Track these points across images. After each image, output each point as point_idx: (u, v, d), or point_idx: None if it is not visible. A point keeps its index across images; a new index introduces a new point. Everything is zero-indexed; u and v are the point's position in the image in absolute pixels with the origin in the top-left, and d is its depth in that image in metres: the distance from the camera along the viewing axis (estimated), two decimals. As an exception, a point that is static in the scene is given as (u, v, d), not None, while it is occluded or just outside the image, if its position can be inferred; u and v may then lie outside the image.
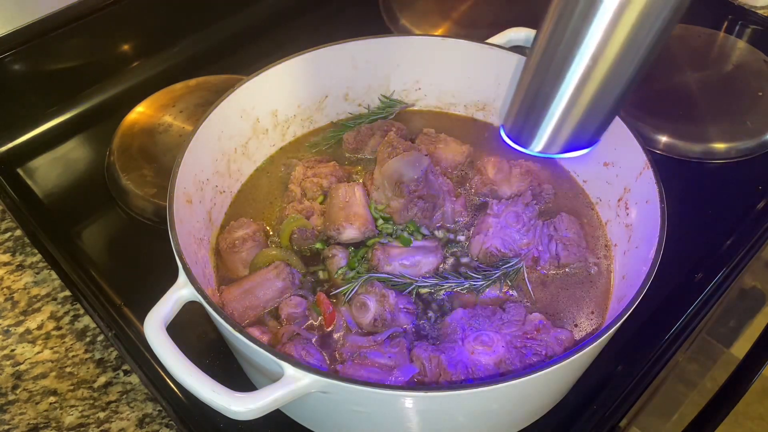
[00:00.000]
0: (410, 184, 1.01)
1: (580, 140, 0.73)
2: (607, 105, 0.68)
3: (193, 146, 0.95)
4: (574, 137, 0.72)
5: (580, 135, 0.72)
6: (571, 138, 0.72)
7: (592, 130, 0.72)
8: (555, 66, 0.65)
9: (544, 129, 0.71)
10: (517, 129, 0.74)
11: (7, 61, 1.26)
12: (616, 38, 0.60)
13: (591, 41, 0.61)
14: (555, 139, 0.72)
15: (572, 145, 0.74)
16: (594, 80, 0.64)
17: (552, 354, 0.88)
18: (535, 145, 0.74)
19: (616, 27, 0.59)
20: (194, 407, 0.91)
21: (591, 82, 0.64)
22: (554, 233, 1.01)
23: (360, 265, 0.98)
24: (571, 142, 0.73)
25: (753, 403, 1.97)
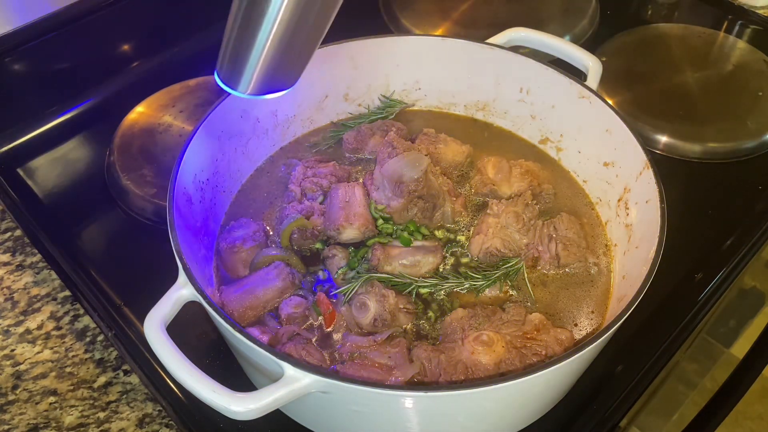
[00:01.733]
0: (410, 184, 1.01)
1: (280, 81, 0.82)
2: (296, 48, 0.78)
3: (193, 146, 0.96)
4: (273, 79, 0.81)
5: (277, 76, 0.81)
6: (269, 80, 0.81)
7: (289, 71, 0.82)
8: (246, 10, 0.74)
9: (247, 71, 0.80)
10: (226, 73, 0.83)
11: (7, 61, 1.26)
12: None
13: None
14: (256, 82, 0.81)
15: (272, 86, 0.82)
16: (280, 22, 0.74)
17: (552, 354, 0.88)
18: (243, 87, 0.82)
19: None
20: (194, 407, 0.91)
21: (278, 24, 0.74)
22: (554, 233, 1.01)
23: (360, 265, 0.98)
24: (269, 83, 0.82)
25: (753, 403, 1.97)
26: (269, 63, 0.78)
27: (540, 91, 1.13)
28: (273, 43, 0.75)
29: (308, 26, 0.76)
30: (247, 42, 0.77)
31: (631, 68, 1.44)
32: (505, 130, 1.21)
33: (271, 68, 0.79)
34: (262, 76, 0.80)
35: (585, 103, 1.06)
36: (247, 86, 0.81)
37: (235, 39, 0.78)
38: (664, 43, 1.51)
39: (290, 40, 0.76)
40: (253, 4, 0.73)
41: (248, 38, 0.76)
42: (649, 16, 1.62)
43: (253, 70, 0.79)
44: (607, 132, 1.03)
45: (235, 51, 0.79)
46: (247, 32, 0.76)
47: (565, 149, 1.15)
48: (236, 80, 0.81)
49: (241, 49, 0.78)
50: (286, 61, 0.80)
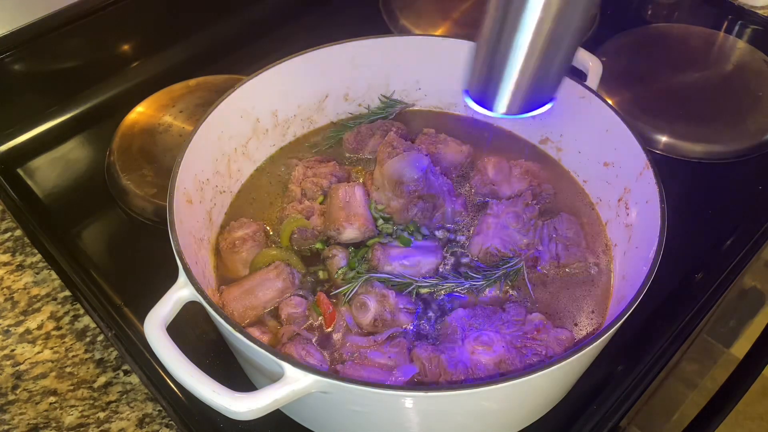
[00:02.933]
0: (410, 184, 1.01)
1: (538, 98, 0.78)
2: (557, 60, 0.74)
3: (193, 146, 0.95)
4: (532, 95, 0.77)
5: (537, 92, 0.77)
6: (530, 96, 0.77)
7: (547, 86, 0.78)
8: (507, 28, 0.70)
9: (504, 89, 0.75)
10: (480, 93, 0.78)
11: (7, 61, 1.26)
12: None
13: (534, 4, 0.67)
14: (515, 99, 0.77)
15: (531, 103, 0.78)
16: (541, 37, 0.69)
17: (552, 354, 0.88)
18: (499, 107, 0.78)
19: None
20: (194, 407, 0.91)
21: (539, 39, 0.70)
22: (554, 233, 1.01)
23: (360, 265, 0.98)
24: (529, 100, 0.77)
25: (753, 403, 1.97)
26: (530, 79, 0.73)
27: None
28: (534, 54, 0.71)
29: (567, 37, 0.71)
30: (503, 56, 0.72)
31: (631, 68, 1.44)
32: (505, 130, 1.21)
33: (532, 84, 0.74)
34: (522, 93, 0.75)
35: (585, 103, 1.06)
36: (504, 106, 0.77)
37: (488, 54, 0.74)
38: (664, 43, 1.51)
39: (548, 55, 0.71)
40: (508, 19, 0.69)
41: (504, 52, 0.71)
42: (649, 16, 1.62)
43: (512, 89, 0.74)
44: (607, 132, 1.03)
45: (489, 68, 0.74)
46: (502, 45, 0.71)
47: (565, 149, 1.14)
48: (491, 100, 0.77)
49: (496, 65, 0.73)
50: (548, 73, 0.75)
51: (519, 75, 0.73)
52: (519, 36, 0.69)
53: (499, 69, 0.74)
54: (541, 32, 0.69)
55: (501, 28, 0.71)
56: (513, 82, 0.74)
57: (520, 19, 0.68)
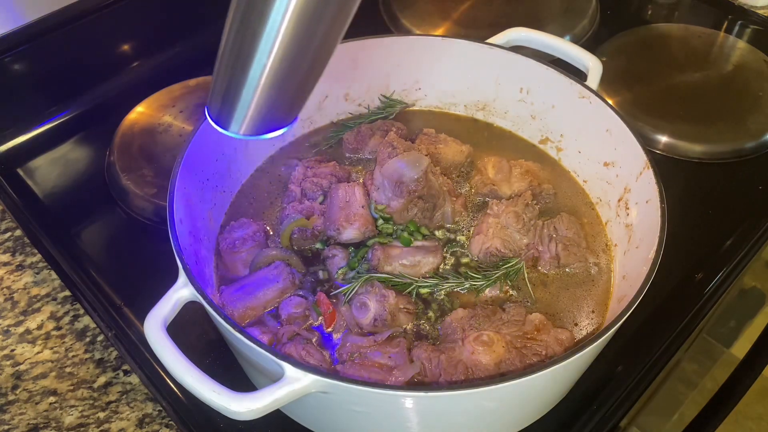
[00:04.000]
0: (410, 184, 1.01)
1: (276, 121, 0.75)
2: (293, 86, 0.71)
3: (193, 146, 0.95)
4: (269, 118, 0.74)
5: (273, 116, 0.74)
6: (265, 119, 0.73)
7: (283, 110, 0.74)
8: (237, 50, 0.67)
9: (237, 111, 0.72)
10: (217, 111, 0.75)
11: (7, 61, 1.26)
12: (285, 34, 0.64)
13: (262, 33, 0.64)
14: (250, 122, 0.73)
15: (269, 126, 0.75)
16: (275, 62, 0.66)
17: (552, 354, 0.88)
18: (234, 128, 0.74)
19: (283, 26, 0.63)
20: (194, 407, 0.91)
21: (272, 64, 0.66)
22: (554, 233, 1.01)
23: (360, 265, 0.98)
24: (265, 123, 0.74)
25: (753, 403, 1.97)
26: (264, 102, 0.70)
27: (540, 91, 1.13)
28: (268, 79, 0.67)
29: (309, 58, 0.68)
30: (238, 78, 0.69)
31: (631, 68, 1.44)
32: (505, 130, 1.21)
33: (267, 107, 0.71)
34: (257, 116, 0.72)
35: (585, 103, 1.06)
36: (239, 127, 0.74)
37: (224, 74, 0.70)
38: (664, 43, 1.51)
39: (288, 76, 0.68)
40: (244, 36, 0.65)
41: (240, 73, 0.68)
42: (649, 16, 1.62)
43: (246, 110, 0.71)
44: (607, 132, 1.03)
45: (225, 88, 0.71)
46: (238, 66, 0.68)
47: (565, 149, 1.14)
48: (227, 120, 0.74)
49: (232, 85, 0.70)
50: (284, 98, 0.72)
51: (251, 98, 0.70)
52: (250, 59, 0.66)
53: (232, 90, 0.71)
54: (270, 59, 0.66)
55: (232, 47, 0.68)
56: (248, 104, 0.71)
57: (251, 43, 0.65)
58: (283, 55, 0.66)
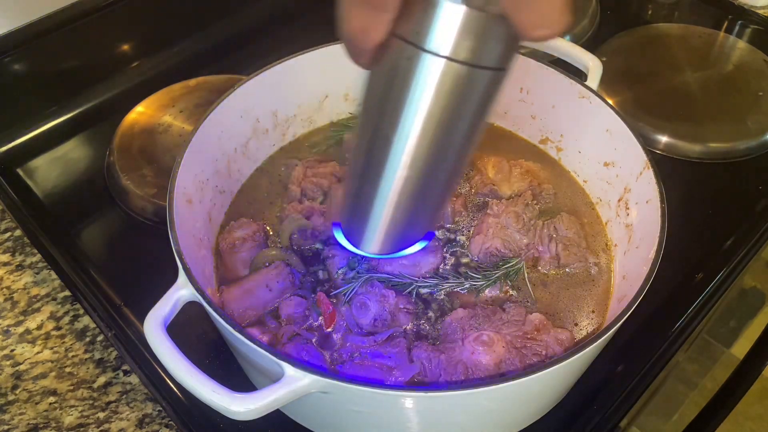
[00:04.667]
0: (410, 184, 1.01)
1: (410, 240, 0.74)
2: (424, 211, 0.69)
3: (193, 146, 0.95)
4: (402, 239, 0.73)
5: (403, 238, 0.72)
6: (396, 241, 0.73)
7: (415, 232, 0.73)
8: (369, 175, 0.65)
9: (369, 233, 0.71)
10: (348, 230, 0.74)
11: (7, 61, 1.26)
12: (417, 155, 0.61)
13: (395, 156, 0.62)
14: (381, 243, 0.73)
15: (399, 246, 0.74)
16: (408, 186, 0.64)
17: (552, 354, 0.88)
18: (366, 248, 0.74)
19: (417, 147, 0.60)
20: (194, 407, 0.91)
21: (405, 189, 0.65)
22: (554, 233, 1.01)
23: (360, 265, 0.98)
24: (396, 245, 0.73)
25: (753, 403, 1.97)
26: (395, 226, 0.69)
27: (540, 91, 1.13)
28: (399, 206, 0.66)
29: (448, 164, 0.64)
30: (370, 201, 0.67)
31: (631, 68, 1.44)
32: (505, 130, 1.21)
33: (398, 230, 0.70)
34: (391, 236, 0.71)
35: (585, 103, 1.06)
36: (372, 248, 0.73)
37: (357, 196, 0.69)
38: (664, 43, 1.51)
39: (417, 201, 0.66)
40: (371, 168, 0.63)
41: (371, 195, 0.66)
42: (649, 16, 1.61)
43: (380, 232, 0.70)
44: (607, 132, 1.03)
45: (358, 210, 0.70)
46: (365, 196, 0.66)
47: (565, 149, 1.14)
48: (360, 241, 0.73)
49: (364, 208, 0.69)
50: (415, 221, 0.70)
51: (383, 222, 0.69)
52: (381, 188, 0.64)
53: (363, 214, 0.69)
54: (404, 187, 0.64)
55: (364, 175, 0.66)
56: (377, 229, 0.70)
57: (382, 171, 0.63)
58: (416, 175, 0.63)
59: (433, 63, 0.56)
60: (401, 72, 0.58)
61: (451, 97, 0.58)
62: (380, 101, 0.61)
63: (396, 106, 0.59)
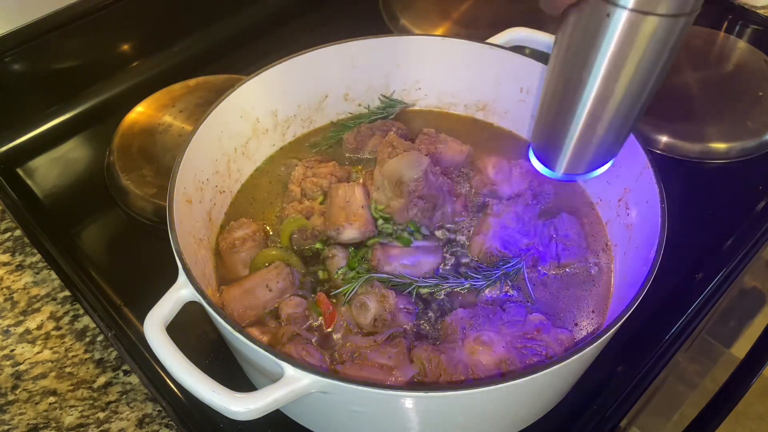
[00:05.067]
0: (410, 184, 1.01)
1: (601, 159, 0.79)
2: (623, 124, 0.75)
3: (193, 146, 0.95)
4: (596, 157, 0.78)
5: (600, 154, 0.78)
6: (593, 159, 0.78)
7: (611, 148, 0.79)
8: (571, 93, 0.72)
9: (566, 153, 0.77)
10: (542, 152, 0.80)
11: (7, 61, 1.26)
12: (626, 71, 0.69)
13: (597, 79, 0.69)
14: (578, 161, 0.78)
15: (594, 164, 0.80)
16: (610, 105, 0.70)
17: (552, 354, 0.88)
18: (561, 168, 0.80)
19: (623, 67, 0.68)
20: (194, 407, 0.91)
21: (607, 107, 0.71)
22: (554, 233, 1.01)
23: (360, 265, 0.98)
24: (593, 162, 0.79)
25: (753, 403, 1.97)
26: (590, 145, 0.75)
27: (540, 91, 1.13)
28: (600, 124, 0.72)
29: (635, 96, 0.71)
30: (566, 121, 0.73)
31: (631, 68, 1.44)
32: (505, 130, 1.21)
33: (592, 150, 0.76)
34: (583, 156, 0.77)
35: (585, 103, 1.06)
36: (564, 168, 0.79)
37: (554, 118, 0.75)
38: (664, 43, 1.50)
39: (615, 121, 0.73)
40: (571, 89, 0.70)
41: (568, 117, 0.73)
42: (649, 16, 1.61)
43: (572, 152, 0.76)
44: (607, 132, 1.03)
45: (554, 131, 0.76)
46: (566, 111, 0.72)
47: (565, 149, 1.14)
48: (553, 162, 0.79)
49: (561, 129, 0.75)
50: (609, 137, 0.76)
51: (582, 141, 0.74)
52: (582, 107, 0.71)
53: (561, 134, 0.75)
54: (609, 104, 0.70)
55: (564, 95, 0.72)
56: (574, 147, 0.76)
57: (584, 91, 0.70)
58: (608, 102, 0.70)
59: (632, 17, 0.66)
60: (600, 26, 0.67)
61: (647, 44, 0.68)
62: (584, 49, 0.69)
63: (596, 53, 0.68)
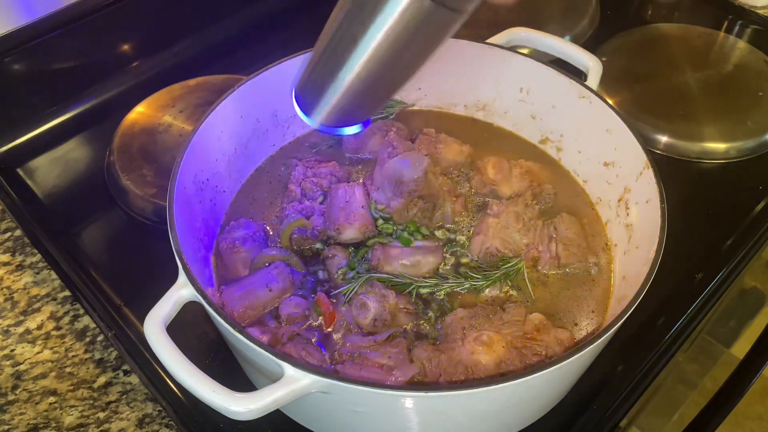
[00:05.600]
0: (410, 184, 1.01)
1: (352, 119, 0.84)
2: (378, 93, 0.80)
3: (193, 146, 0.95)
4: (347, 116, 0.83)
5: (352, 115, 0.83)
6: (343, 116, 0.83)
7: (362, 112, 0.84)
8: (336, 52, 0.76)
9: (322, 105, 0.81)
10: (302, 99, 0.85)
11: (7, 61, 1.26)
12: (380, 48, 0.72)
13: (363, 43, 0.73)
14: (330, 116, 0.83)
15: (345, 122, 0.84)
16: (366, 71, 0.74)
17: (552, 354, 0.88)
18: (315, 117, 0.84)
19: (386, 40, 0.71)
20: (194, 407, 0.91)
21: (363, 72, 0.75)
22: (554, 233, 1.01)
23: (360, 265, 0.98)
24: (342, 119, 0.83)
25: (753, 403, 1.97)
26: (348, 101, 0.79)
27: (540, 91, 1.13)
28: (357, 82, 0.76)
29: (399, 69, 0.76)
30: (330, 75, 0.77)
31: (631, 68, 1.44)
32: (505, 130, 1.21)
33: (349, 106, 0.80)
34: (338, 111, 0.81)
35: (585, 103, 1.06)
36: (319, 118, 0.83)
37: (318, 69, 0.79)
38: (664, 43, 1.51)
39: (375, 82, 0.76)
40: (344, 41, 0.74)
41: (333, 71, 0.76)
42: (649, 16, 1.62)
43: (330, 105, 0.80)
44: (607, 132, 1.03)
45: (317, 81, 0.80)
46: (333, 65, 0.76)
47: (565, 149, 1.14)
48: (311, 109, 0.83)
49: (323, 80, 0.78)
50: (366, 100, 0.81)
51: (340, 94, 0.78)
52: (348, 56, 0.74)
53: (320, 85, 0.79)
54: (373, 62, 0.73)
55: (333, 43, 0.76)
56: (332, 100, 0.80)
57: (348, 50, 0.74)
58: (373, 68, 0.74)
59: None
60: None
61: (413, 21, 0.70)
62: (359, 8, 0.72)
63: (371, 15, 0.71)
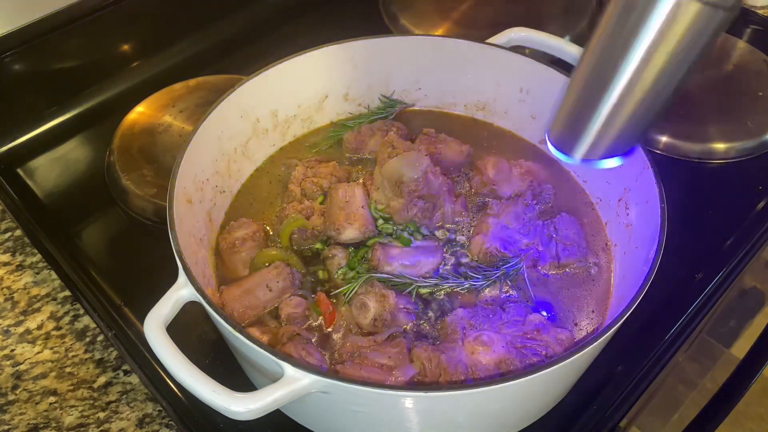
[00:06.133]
0: (410, 184, 1.01)
1: (619, 147, 0.80)
2: (644, 115, 0.75)
3: (193, 146, 0.95)
4: (614, 144, 0.78)
5: (619, 142, 0.78)
6: (611, 145, 0.78)
7: (629, 138, 0.79)
8: (601, 80, 0.72)
9: (586, 137, 0.77)
10: (561, 137, 0.80)
11: (7, 61, 1.26)
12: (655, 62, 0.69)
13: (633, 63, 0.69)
14: (593, 148, 0.78)
15: (611, 151, 0.80)
16: (635, 95, 0.71)
17: (552, 354, 0.88)
18: (576, 154, 0.80)
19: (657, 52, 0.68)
20: (194, 407, 0.91)
21: (633, 97, 0.71)
22: (554, 233, 1.01)
23: (360, 265, 0.98)
24: (610, 149, 0.79)
25: (753, 403, 1.97)
26: (614, 132, 0.75)
27: (540, 91, 1.13)
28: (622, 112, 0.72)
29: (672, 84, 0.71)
30: (590, 108, 0.74)
31: (631, 68, 1.44)
32: (505, 130, 1.21)
33: (614, 137, 0.76)
34: (607, 141, 0.76)
35: (585, 103, 1.06)
36: (582, 151, 0.79)
37: (575, 104, 0.76)
38: (664, 43, 1.50)
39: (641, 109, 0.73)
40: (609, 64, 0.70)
41: (593, 105, 0.73)
42: (649, 16, 1.61)
43: (593, 137, 0.76)
44: (607, 132, 1.03)
45: (573, 116, 0.77)
46: (592, 98, 0.73)
47: (565, 149, 1.14)
48: (573, 144, 0.79)
49: (581, 115, 0.75)
50: (631, 130, 0.76)
51: (604, 127, 0.75)
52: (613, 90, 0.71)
53: (585, 119, 0.75)
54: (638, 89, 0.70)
55: (596, 81, 0.73)
56: (596, 133, 0.76)
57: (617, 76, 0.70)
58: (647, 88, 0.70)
59: None
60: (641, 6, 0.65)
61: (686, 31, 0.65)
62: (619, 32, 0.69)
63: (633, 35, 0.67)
